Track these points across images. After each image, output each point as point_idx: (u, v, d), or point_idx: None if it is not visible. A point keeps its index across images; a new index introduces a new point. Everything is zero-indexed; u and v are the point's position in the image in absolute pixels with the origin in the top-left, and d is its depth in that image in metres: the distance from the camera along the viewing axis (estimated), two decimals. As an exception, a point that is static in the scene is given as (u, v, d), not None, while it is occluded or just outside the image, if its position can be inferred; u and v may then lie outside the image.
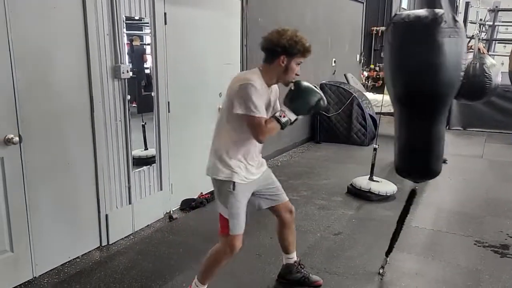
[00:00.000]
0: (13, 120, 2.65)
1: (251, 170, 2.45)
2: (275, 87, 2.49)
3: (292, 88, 2.38)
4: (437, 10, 2.32)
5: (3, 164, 2.64)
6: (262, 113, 2.26)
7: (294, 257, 2.84)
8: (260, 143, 2.40)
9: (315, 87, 2.42)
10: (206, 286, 2.55)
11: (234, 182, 2.36)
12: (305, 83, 2.39)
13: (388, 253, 2.98)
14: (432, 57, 2.34)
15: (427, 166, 2.69)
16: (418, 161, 2.68)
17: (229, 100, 2.30)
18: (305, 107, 2.38)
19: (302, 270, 2.85)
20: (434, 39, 2.31)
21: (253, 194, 2.52)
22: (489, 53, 7.83)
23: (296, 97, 2.37)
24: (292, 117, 2.34)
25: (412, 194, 2.85)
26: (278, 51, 2.29)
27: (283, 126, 2.31)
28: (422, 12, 2.36)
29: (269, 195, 2.64)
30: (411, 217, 3.97)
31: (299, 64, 2.37)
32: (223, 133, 2.39)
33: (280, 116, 2.31)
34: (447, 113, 2.63)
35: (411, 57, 2.40)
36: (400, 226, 2.92)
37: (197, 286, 2.53)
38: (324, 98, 2.41)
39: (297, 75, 2.39)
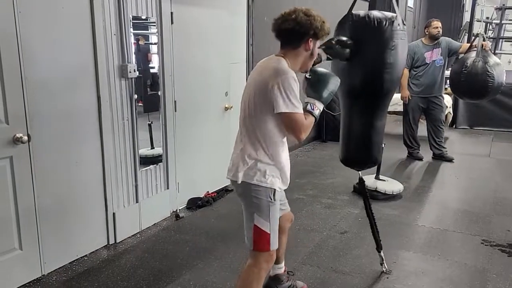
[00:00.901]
0: (22, 120, 2.68)
1: (288, 175, 2.22)
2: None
3: (309, 76, 2.22)
4: (391, 14, 2.50)
5: (12, 163, 2.66)
6: (300, 110, 2.05)
7: (283, 266, 2.70)
8: (300, 141, 2.16)
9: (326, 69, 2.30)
10: None
11: (274, 190, 2.12)
12: (320, 68, 2.25)
13: (379, 248, 2.98)
14: (388, 56, 2.49)
15: (370, 155, 2.83)
16: (361, 151, 2.83)
17: (264, 94, 2.03)
18: (330, 94, 2.20)
19: (291, 278, 2.74)
20: (390, 40, 2.47)
21: None
22: (496, 51, 7.79)
23: (320, 86, 2.18)
24: (321, 107, 2.16)
25: (361, 182, 2.96)
26: (309, 33, 2.08)
27: (316, 119, 2.14)
28: (379, 13, 2.50)
29: (280, 203, 2.32)
30: (417, 216, 3.99)
31: (319, 47, 2.20)
32: (258, 132, 2.10)
33: (313, 109, 2.12)
34: (387, 107, 2.80)
35: (366, 55, 2.52)
36: (372, 217, 2.98)
37: None
38: (338, 78, 2.27)
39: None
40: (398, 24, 2.48)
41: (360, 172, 2.94)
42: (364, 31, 2.52)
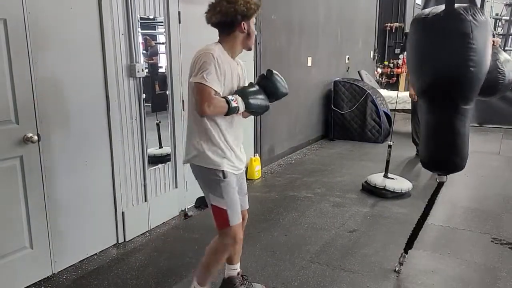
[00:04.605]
0: (32, 120, 2.70)
1: (241, 157, 2.33)
2: (242, 63, 2.37)
3: (266, 76, 2.32)
4: (461, 5, 2.39)
5: (22, 163, 2.69)
6: (213, 86, 2.10)
7: (238, 268, 2.63)
8: (202, 115, 2.16)
9: (282, 79, 2.36)
10: (207, 287, 2.41)
11: (223, 171, 2.22)
12: (277, 76, 2.33)
13: (407, 249, 2.96)
14: (461, 47, 2.39)
15: (451, 160, 2.66)
16: (442, 154, 2.67)
17: (191, 73, 2.17)
18: (256, 108, 2.28)
19: (245, 282, 2.65)
20: (463, 31, 2.35)
21: None
22: (506, 48, 7.73)
23: (253, 95, 2.25)
24: (241, 106, 2.20)
25: (439, 187, 2.86)
26: (238, 19, 2.16)
27: (230, 110, 2.16)
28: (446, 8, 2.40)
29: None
30: (427, 214, 3.96)
31: (254, 24, 2.27)
32: (195, 115, 2.20)
33: (232, 100, 2.16)
34: (473, 104, 2.66)
35: (441, 48, 2.43)
36: (423, 220, 2.92)
37: None
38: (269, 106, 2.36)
39: (255, 34, 2.30)
40: (478, 16, 2.36)
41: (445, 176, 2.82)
42: (433, 27, 2.43)
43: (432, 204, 2.89)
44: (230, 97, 2.17)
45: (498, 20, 8.42)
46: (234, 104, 2.16)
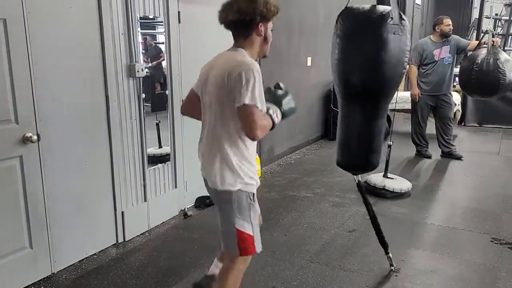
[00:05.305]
0: (31, 119, 2.70)
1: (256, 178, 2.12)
2: None
3: (280, 88, 2.15)
4: (384, 7, 2.41)
5: (22, 162, 2.69)
6: (262, 106, 1.92)
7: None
8: (254, 140, 1.98)
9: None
10: None
11: (254, 193, 2.06)
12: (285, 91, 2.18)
13: (386, 249, 2.97)
14: (376, 51, 2.40)
15: (366, 160, 2.73)
16: (357, 154, 2.75)
17: (229, 90, 1.91)
18: (290, 113, 2.14)
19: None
20: (379, 34, 2.37)
21: None
22: (505, 48, 7.73)
23: (285, 100, 2.12)
24: (279, 119, 2.05)
25: (359, 186, 2.96)
26: (256, 19, 1.97)
27: (273, 127, 2.01)
28: (371, 7, 2.44)
29: None
30: (426, 214, 3.97)
31: (272, 29, 2.10)
32: (228, 133, 1.99)
33: (273, 114, 1.99)
34: (387, 107, 2.68)
35: (357, 49, 2.47)
36: (374, 219, 2.94)
37: None
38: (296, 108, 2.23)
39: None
40: (391, 18, 2.38)
41: (356, 176, 2.90)
42: (355, 23, 2.47)
43: (367, 205, 2.93)
44: (270, 111, 2.00)
45: (497, 20, 8.42)
46: (276, 120, 2.01)
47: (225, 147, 1.99)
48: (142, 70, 3.37)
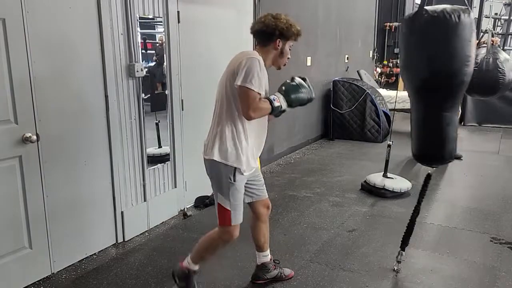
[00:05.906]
0: (30, 119, 2.70)
1: (251, 163, 2.41)
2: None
3: (292, 81, 2.45)
4: (463, 7, 2.45)
5: (21, 162, 2.68)
6: (259, 89, 2.24)
7: (268, 254, 2.80)
8: (248, 119, 2.29)
9: (309, 86, 2.50)
10: (197, 267, 2.58)
11: (235, 169, 2.32)
12: (304, 81, 2.49)
13: (404, 246, 2.96)
14: (467, 49, 2.49)
15: (442, 151, 2.78)
16: (433, 146, 2.81)
17: (233, 76, 2.26)
18: (297, 99, 2.44)
19: (277, 267, 2.84)
20: (469, 32, 2.44)
21: None
22: (505, 47, 7.73)
23: (293, 89, 2.42)
24: (284, 105, 2.38)
25: (427, 178, 2.91)
26: (275, 34, 2.35)
27: (274, 110, 2.33)
28: (453, 7, 2.45)
29: (255, 189, 2.59)
30: (426, 213, 3.96)
31: (291, 48, 2.46)
32: (228, 111, 2.33)
33: (274, 100, 2.33)
34: (458, 102, 2.77)
35: (450, 48, 2.50)
36: (416, 215, 2.94)
37: (188, 263, 2.57)
38: (313, 96, 2.53)
39: (289, 58, 2.48)
40: (470, 16, 2.45)
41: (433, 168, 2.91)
42: (442, 26, 2.47)
43: (422, 198, 2.91)
44: (272, 96, 2.34)
45: (497, 20, 8.43)
46: (276, 104, 2.33)
47: (224, 124, 2.33)
48: (142, 70, 3.37)
